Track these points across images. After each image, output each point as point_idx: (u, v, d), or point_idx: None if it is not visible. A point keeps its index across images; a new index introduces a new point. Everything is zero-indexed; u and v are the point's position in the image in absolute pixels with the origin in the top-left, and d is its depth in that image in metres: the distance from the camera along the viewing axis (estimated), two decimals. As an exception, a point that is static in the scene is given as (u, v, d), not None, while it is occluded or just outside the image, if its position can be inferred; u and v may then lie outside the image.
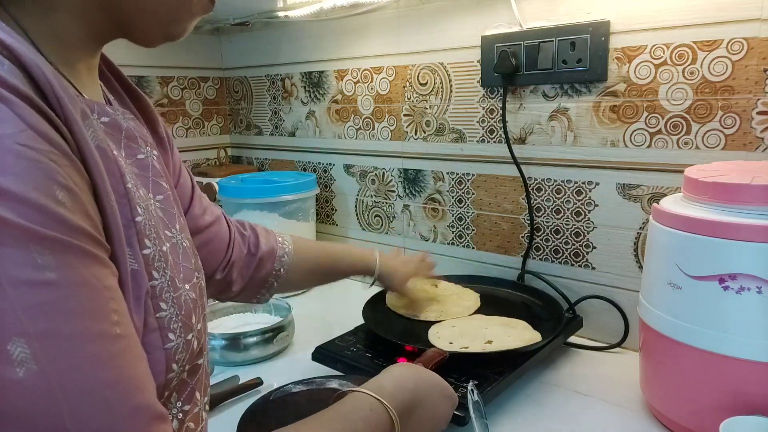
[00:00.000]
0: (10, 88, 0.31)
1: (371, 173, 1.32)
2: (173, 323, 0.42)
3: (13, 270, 0.29)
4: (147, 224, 0.42)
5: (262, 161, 1.60)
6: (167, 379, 0.42)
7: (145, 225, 0.41)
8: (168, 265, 0.43)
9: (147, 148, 0.48)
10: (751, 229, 0.61)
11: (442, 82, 1.14)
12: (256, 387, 0.88)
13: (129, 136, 0.46)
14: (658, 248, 0.72)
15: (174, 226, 0.47)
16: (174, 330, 0.42)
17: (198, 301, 0.47)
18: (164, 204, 0.47)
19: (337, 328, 0.99)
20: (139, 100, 0.54)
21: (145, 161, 0.47)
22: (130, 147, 0.46)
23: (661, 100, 0.88)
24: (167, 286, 0.42)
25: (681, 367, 0.70)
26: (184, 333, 0.43)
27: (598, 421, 0.77)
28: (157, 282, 0.41)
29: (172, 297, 0.43)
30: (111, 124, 0.44)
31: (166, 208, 0.47)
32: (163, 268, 0.42)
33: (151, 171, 0.47)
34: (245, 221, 0.81)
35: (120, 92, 0.53)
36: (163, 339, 0.41)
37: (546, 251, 1.06)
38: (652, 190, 0.92)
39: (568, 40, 0.95)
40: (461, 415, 0.70)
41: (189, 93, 1.55)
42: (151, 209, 0.44)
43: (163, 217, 0.46)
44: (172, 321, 0.42)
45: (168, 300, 0.42)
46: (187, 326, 0.44)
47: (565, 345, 0.97)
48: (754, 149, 0.82)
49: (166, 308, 0.42)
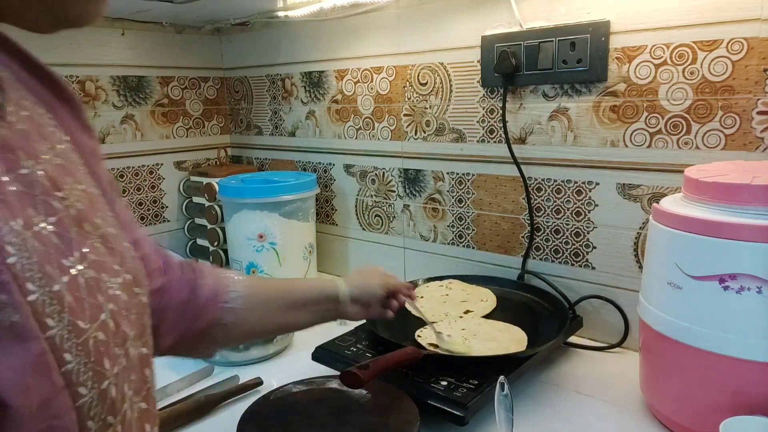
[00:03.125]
0: None
1: (371, 173, 1.32)
2: (81, 375, 0.35)
3: None
4: (25, 264, 0.34)
5: (262, 161, 1.60)
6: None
7: (22, 266, 0.33)
8: (65, 308, 0.35)
9: (36, 161, 0.39)
10: (751, 229, 0.61)
11: (442, 82, 1.14)
12: (256, 387, 0.88)
13: (4, 146, 0.37)
14: (658, 248, 0.72)
15: (72, 254, 0.38)
16: (84, 383, 0.35)
17: (110, 340, 0.39)
18: (59, 227, 0.38)
19: (337, 327, 0.99)
20: (56, 86, 0.46)
21: (30, 176, 0.37)
22: (8, 160, 0.36)
23: (661, 100, 0.88)
24: (67, 333, 0.35)
25: (681, 367, 0.70)
26: (97, 383, 0.36)
27: (598, 421, 0.77)
28: (54, 331, 0.34)
29: (76, 344, 0.35)
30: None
31: (61, 233, 0.38)
32: (58, 312, 0.35)
33: (38, 188, 0.37)
34: (197, 262, 0.69)
35: (29, 80, 0.44)
36: (74, 396, 0.34)
37: (546, 251, 1.06)
38: (652, 190, 0.92)
39: (568, 40, 0.95)
40: (461, 415, 0.70)
41: (189, 93, 1.55)
42: (32, 242, 0.35)
43: (59, 243, 0.37)
44: (80, 373, 0.35)
45: (72, 349, 0.35)
46: (100, 374, 0.37)
47: (565, 345, 0.97)
48: (754, 149, 0.82)
49: (71, 359, 0.35)
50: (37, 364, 0.32)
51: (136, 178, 1.47)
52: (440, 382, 0.76)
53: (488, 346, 0.85)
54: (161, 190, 1.52)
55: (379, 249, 1.34)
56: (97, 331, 0.37)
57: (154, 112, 1.48)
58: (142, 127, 1.46)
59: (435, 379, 0.77)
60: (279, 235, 1.25)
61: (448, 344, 0.84)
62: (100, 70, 1.36)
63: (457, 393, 0.74)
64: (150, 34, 1.45)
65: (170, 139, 1.53)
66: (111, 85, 1.39)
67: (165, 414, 0.78)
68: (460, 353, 0.82)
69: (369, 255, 1.37)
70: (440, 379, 0.77)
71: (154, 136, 1.49)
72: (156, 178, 1.51)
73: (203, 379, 0.92)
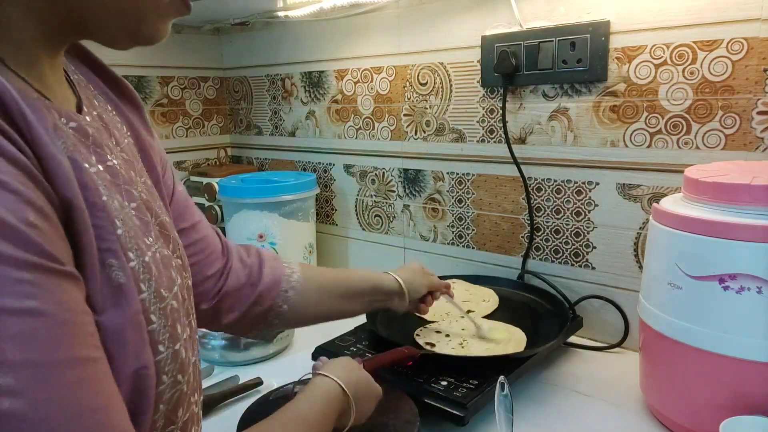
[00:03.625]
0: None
1: (371, 173, 1.32)
2: (161, 335, 0.41)
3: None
4: (127, 236, 0.40)
5: (262, 161, 1.60)
6: (158, 392, 0.41)
7: (126, 237, 0.40)
8: (152, 276, 0.42)
9: (113, 155, 0.44)
10: (751, 229, 0.61)
11: (442, 82, 1.14)
12: (256, 387, 0.88)
13: (96, 142, 0.42)
14: (658, 248, 0.72)
15: (150, 235, 0.45)
16: (162, 342, 0.41)
17: (180, 309, 0.46)
18: (138, 212, 0.45)
19: (337, 327, 0.99)
20: (121, 87, 0.52)
21: (114, 168, 0.43)
22: (98, 154, 0.42)
23: (661, 100, 0.88)
24: (154, 298, 0.41)
25: (681, 367, 0.69)
26: (172, 343, 0.42)
27: (598, 421, 0.77)
28: (145, 295, 0.41)
29: (159, 308, 0.42)
30: (79, 129, 0.41)
31: (141, 216, 0.45)
32: (148, 280, 0.41)
33: (121, 178, 0.44)
34: (252, 246, 0.74)
35: (98, 82, 0.51)
36: (154, 352, 0.40)
37: (546, 251, 1.06)
38: (652, 190, 0.92)
39: (568, 40, 0.95)
40: (461, 415, 0.70)
41: (189, 93, 1.55)
42: (128, 220, 0.42)
43: (140, 225, 0.44)
44: (161, 333, 0.41)
45: (156, 312, 0.41)
46: (174, 336, 0.43)
47: (565, 345, 0.97)
48: (754, 149, 0.82)
49: (156, 320, 0.41)
50: (134, 321, 0.38)
51: (136, 178, 1.47)
52: (440, 382, 0.76)
53: (486, 348, 0.85)
54: (161, 190, 1.52)
55: (379, 249, 1.34)
56: (173, 300, 0.44)
57: (154, 112, 1.48)
58: (142, 127, 1.46)
59: (435, 378, 0.77)
60: (279, 235, 1.25)
61: (488, 333, 0.88)
62: (100, 70, 1.36)
63: (456, 393, 0.74)
64: (150, 34, 1.44)
65: (170, 139, 1.53)
66: (111, 85, 1.39)
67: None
68: (498, 343, 0.86)
69: (369, 255, 1.36)
70: (440, 378, 0.77)
71: (154, 136, 1.49)
72: (156, 178, 1.51)
73: (203, 379, 0.92)
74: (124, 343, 0.37)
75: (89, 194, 0.37)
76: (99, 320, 0.36)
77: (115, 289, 0.38)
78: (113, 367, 0.35)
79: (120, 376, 0.36)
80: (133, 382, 0.38)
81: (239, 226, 1.26)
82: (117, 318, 0.37)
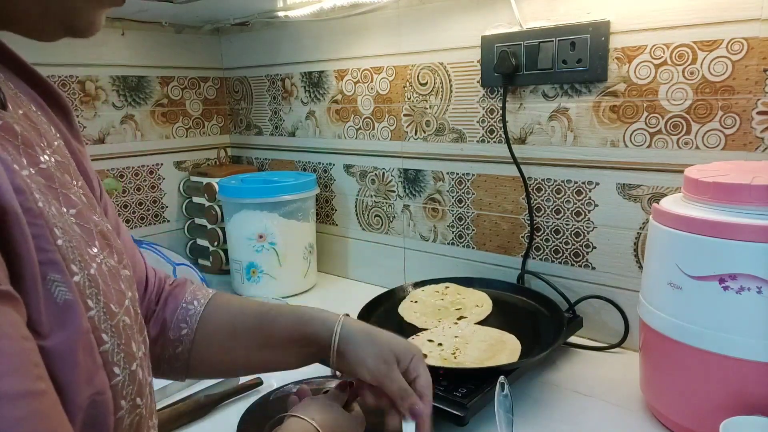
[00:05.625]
0: None
1: (371, 173, 1.32)
2: (116, 355, 0.37)
3: None
4: (69, 246, 0.36)
5: (262, 161, 1.60)
6: (117, 419, 0.37)
7: (67, 248, 0.35)
8: (100, 291, 0.37)
9: (45, 155, 0.39)
10: (751, 229, 0.61)
11: (442, 82, 1.14)
12: (256, 387, 0.88)
13: (25, 141, 0.37)
14: (658, 248, 0.72)
15: (94, 244, 0.40)
16: (118, 363, 0.37)
17: (134, 325, 0.42)
18: (79, 219, 0.40)
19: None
20: (44, 88, 0.47)
21: (48, 171, 0.38)
22: (29, 154, 0.37)
23: (661, 100, 0.88)
24: (104, 314, 0.37)
25: (681, 367, 0.69)
26: (128, 364, 0.38)
27: (598, 421, 0.77)
28: (94, 312, 0.36)
29: (111, 326, 0.38)
30: (5, 127, 0.36)
31: (83, 224, 0.40)
32: (95, 295, 0.37)
33: (57, 181, 0.39)
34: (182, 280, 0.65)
35: (19, 82, 0.45)
36: (109, 375, 0.36)
37: (546, 251, 1.06)
38: (652, 190, 0.92)
39: (568, 40, 0.95)
40: (461, 415, 0.70)
41: (189, 93, 1.55)
42: (69, 228, 0.37)
43: (82, 234, 0.39)
44: (115, 353, 0.37)
45: (107, 330, 0.37)
46: (129, 355, 0.39)
47: (565, 345, 0.97)
48: (754, 149, 0.82)
49: (108, 339, 0.37)
50: (83, 343, 0.34)
51: (136, 178, 1.47)
52: (440, 382, 0.76)
53: (479, 357, 0.82)
54: (161, 190, 1.52)
55: (379, 249, 1.34)
56: (124, 315, 0.40)
57: (154, 112, 1.48)
58: (142, 127, 1.46)
59: (435, 379, 0.76)
60: (279, 235, 1.25)
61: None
62: (99, 70, 1.36)
63: (457, 393, 0.74)
64: (150, 34, 1.45)
65: (170, 139, 1.53)
66: (111, 85, 1.39)
67: (165, 414, 0.78)
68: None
69: (369, 255, 1.37)
70: (440, 378, 0.77)
71: (153, 136, 1.49)
72: (156, 178, 1.51)
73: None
74: (74, 368, 0.33)
75: (23, 199, 0.33)
76: (43, 345, 0.32)
77: (60, 308, 0.33)
78: (63, 397, 0.32)
79: (72, 407, 0.33)
80: (88, 412, 0.34)
81: (239, 226, 1.26)
82: (64, 340, 0.33)
